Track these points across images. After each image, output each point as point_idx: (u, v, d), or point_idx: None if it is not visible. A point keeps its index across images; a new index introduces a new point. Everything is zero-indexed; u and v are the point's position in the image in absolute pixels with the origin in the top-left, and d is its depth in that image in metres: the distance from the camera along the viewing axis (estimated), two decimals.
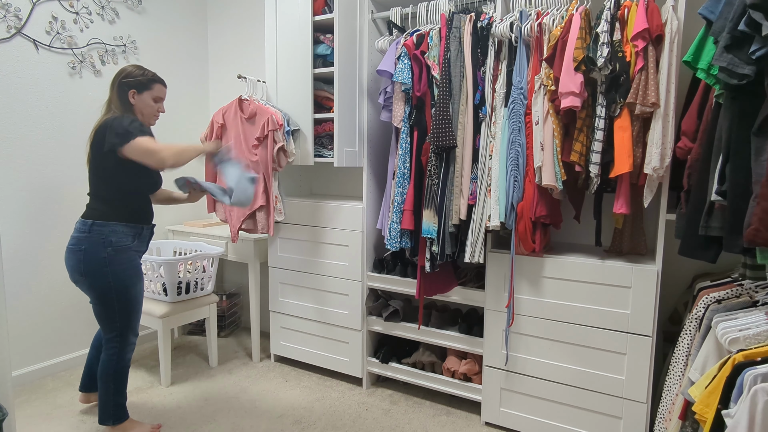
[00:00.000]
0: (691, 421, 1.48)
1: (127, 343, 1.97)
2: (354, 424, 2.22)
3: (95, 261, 1.84)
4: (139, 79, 1.93)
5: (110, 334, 1.94)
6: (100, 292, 1.88)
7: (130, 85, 1.92)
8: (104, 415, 2.00)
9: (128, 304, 1.93)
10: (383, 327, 2.47)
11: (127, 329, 1.95)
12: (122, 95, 1.92)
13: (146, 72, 1.96)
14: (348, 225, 2.48)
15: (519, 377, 2.10)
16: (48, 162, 2.59)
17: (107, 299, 1.89)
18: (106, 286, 1.87)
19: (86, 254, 1.84)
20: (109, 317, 1.92)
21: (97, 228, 1.85)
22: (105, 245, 1.85)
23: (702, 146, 1.55)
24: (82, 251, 1.84)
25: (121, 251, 1.89)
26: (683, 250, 1.58)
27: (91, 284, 1.87)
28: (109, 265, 1.86)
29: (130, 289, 1.93)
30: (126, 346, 1.97)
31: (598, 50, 1.72)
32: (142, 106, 1.95)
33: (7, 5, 2.38)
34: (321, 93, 2.56)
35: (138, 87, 1.93)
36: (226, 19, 3.34)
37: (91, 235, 1.84)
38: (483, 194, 2.04)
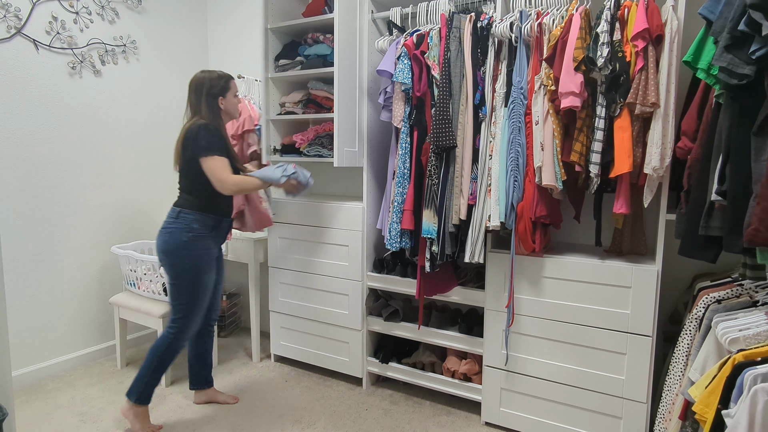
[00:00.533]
0: (691, 421, 1.48)
1: (187, 328, 2.10)
2: (354, 424, 2.22)
3: (177, 243, 2.04)
4: (221, 85, 2.11)
5: (176, 315, 2.09)
6: (174, 273, 2.06)
7: (217, 95, 2.10)
8: (134, 388, 2.08)
9: (196, 289, 2.09)
10: (383, 327, 2.47)
11: (191, 314, 2.09)
12: (212, 104, 2.10)
13: (221, 75, 2.13)
14: (348, 225, 2.48)
15: (519, 377, 2.10)
16: (48, 162, 2.59)
17: (179, 281, 2.07)
18: (181, 268, 2.05)
19: (171, 236, 2.04)
20: (178, 298, 2.08)
21: (184, 215, 2.05)
22: (187, 231, 2.05)
23: (702, 146, 1.55)
24: (168, 233, 2.05)
25: (200, 239, 2.08)
26: (683, 250, 1.58)
27: (170, 264, 2.06)
28: (187, 248, 2.05)
29: (202, 276, 2.09)
30: (185, 331, 2.10)
31: (598, 50, 1.72)
32: (228, 106, 2.15)
33: (7, 5, 2.38)
34: (321, 93, 2.56)
35: (223, 92, 2.12)
36: (226, 19, 3.34)
37: (178, 221, 2.05)
38: (483, 194, 2.04)
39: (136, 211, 3.04)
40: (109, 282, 2.91)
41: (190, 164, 2.04)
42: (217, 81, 2.11)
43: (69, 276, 2.71)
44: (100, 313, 2.88)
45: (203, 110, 2.08)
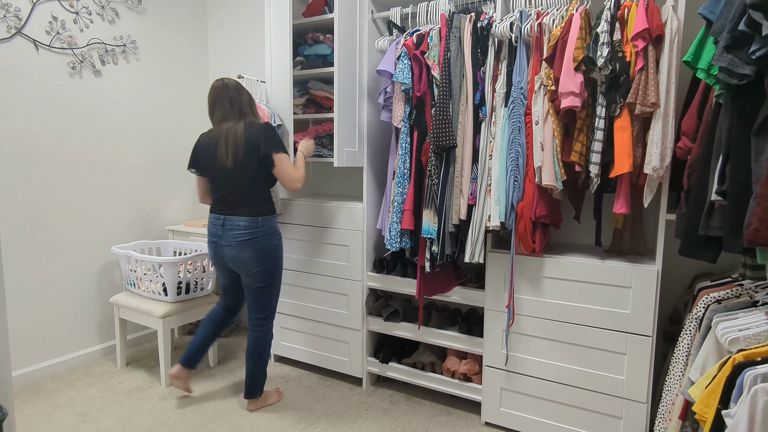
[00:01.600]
0: (691, 421, 1.48)
1: (273, 319, 2.29)
2: (354, 424, 2.22)
3: (270, 249, 2.15)
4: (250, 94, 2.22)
5: (265, 313, 2.23)
6: (269, 275, 2.17)
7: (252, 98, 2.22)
8: (254, 387, 2.27)
9: (280, 285, 2.28)
10: (383, 327, 2.47)
11: (276, 306, 2.29)
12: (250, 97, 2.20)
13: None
14: (348, 225, 2.48)
15: (519, 377, 2.10)
16: (48, 162, 2.59)
17: (273, 282, 2.20)
18: (276, 271, 2.20)
19: (263, 244, 2.12)
20: (269, 298, 2.22)
21: (265, 222, 2.14)
22: (274, 235, 2.18)
23: (702, 146, 1.55)
24: (258, 242, 2.11)
25: (281, 239, 2.23)
26: (683, 250, 1.58)
27: (265, 269, 2.14)
28: (279, 251, 2.20)
29: (281, 274, 2.28)
30: (272, 324, 2.29)
31: (598, 50, 1.72)
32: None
33: (7, 5, 2.38)
34: (321, 93, 2.56)
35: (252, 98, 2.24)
36: (226, 19, 3.34)
37: (263, 228, 2.13)
38: (483, 194, 2.04)
39: (136, 211, 3.04)
40: (109, 282, 2.91)
41: (262, 166, 2.08)
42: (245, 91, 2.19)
43: (69, 276, 2.71)
44: (100, 313, 2.88)
45: (248, 111, 2.15)
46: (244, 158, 2.07)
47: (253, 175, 2.10)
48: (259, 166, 2.09)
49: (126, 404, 2.35)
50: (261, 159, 2.07)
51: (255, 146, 2.06)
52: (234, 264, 2.17)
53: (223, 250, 2.16)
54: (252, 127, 2.08)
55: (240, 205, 2.12)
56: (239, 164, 2.08)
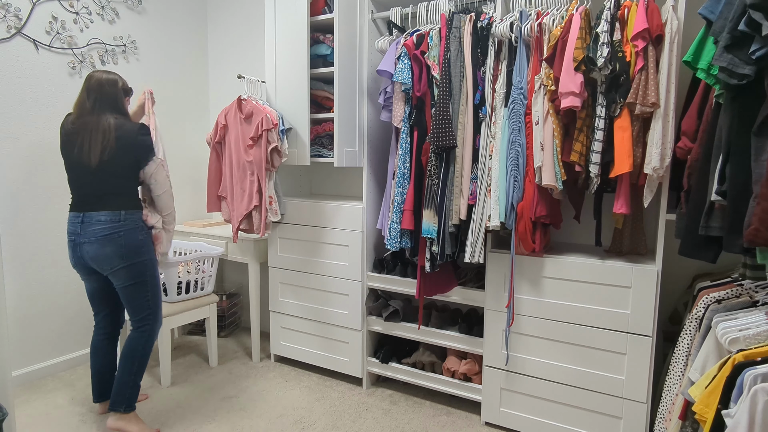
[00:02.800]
0: (691, 421, 1.48)
1: (157, 322, 2.12)
2: (354, 424, 2.22)
3: (134, 244, 2.00)
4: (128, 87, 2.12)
5: (143, 313, 2.07)
6: (137, 273, 2.02)
7: (126, 93, 2.11)
8: (119, 398, 2.04)
9: (157, 284, 2.11)
10: (383, 327, 2.47)
11: (157, 308, 2.11)
12: (123, 102, 2.07)
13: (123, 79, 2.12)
14: (348, 225, 2.47)
15: (519, 377, 2.10)
16: (48, 162, 2.59)
17: (143, 280, 2.04)
18: (143, 267, 2.04)
19: (126, 239, 1.98)
20: (143, 297, 2.06)
21: (129, 216, 2.01)
22: (140, 230, 2.03)
23: (702, 146, 1.55)
24: (121, 237, 1.98)
25: (149, 236, 2.09)
26: (683, 250, 1.58)
27: (130, 267, 2.00)
28: (146, 245, 2.05)
29: (156, 270, 2.11)
30: (156, 326, 2.11)
31: (598, 50, 1.72)
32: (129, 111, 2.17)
33: (7, 5, 2.38)
34: (321, 93, 2.56)
35: (129, 94, 2.14)
36: (226, 19, 3.34)
37: (126, 223, 1.99)
38: (483, 194, 2.04)
39: None
40: None
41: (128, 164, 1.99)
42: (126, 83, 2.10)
43: (69, 276, 2.71)
44: None
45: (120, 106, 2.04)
46: (114, 156, 1.95)
47: (119, 172, 1.99)
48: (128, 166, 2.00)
49: None
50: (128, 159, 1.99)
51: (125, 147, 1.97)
52: (95, 262, 1.98)
53: (83, 248, 1.98)
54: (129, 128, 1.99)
55: (102, 201, 1.98)
56: (109, 162, 1.96)
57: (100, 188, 1.98)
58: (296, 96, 2.47)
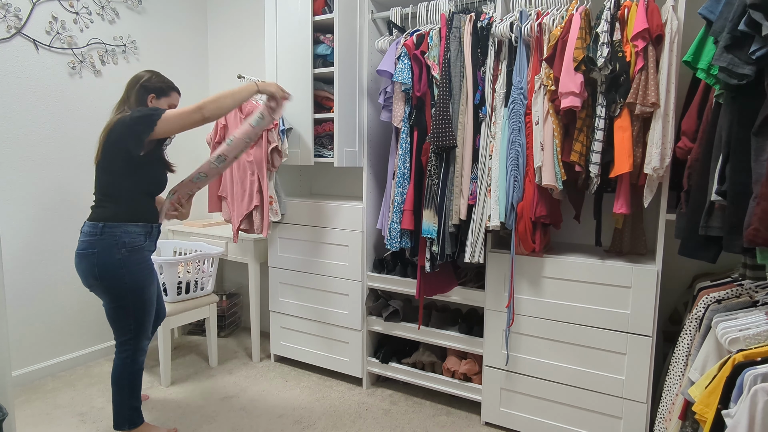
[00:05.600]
0: (691, 421, 1.48)
1: (140, 347, 1.93)
2: (354, 424, 2.22)
3: (110, 263, 1.79)
4: (159, 85, 1.95)
5: (124, 337, 1.89)
6: (115, 295, 1.83)
7: (149, 90, 1.93)
8: (120, 418, 1.94)
9: (143, 306, 1.89)
10: (383, 327, 2.47)
11: (141, 332, 1.92)
12: (142, 98, 1.92)
13: (165, 79, 1.99)
14: (348, 225, 2.47)
15: (519, 377, 2.10)
16: (48, 162, 2.59)
17: (122, 302, 1.84)
18: (121, 289, 1.82)
19: (99, 257, 1.78)
20: (123, 320, 1.87)
21: (109, 229, 1.80)
22: (119, 246, 1.80)
23: (702, 146, 1.55)
24: (95, 254, 1.78)
25: (135, 251, 1.85)
26: (683, 250, 1.58)
27: (106, 287, 1.82)
28: (125, 266, 1.81)
29: (145, 290, 1.89)
30: (139, 350, 1.93)
31: (598, 50, 1.72)
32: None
33: (7, 5, 2.38)
34: (321, 93, 2.56)
35: (157, 92, 1.95)
36: (226, 19, 3.34)
37: (104, 237, 1.79)
38: (483, 194, 2.04)
39: None
40: None
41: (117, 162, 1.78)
42: (155, 80, 1.94)
43: (69, 276, 2.71)
44: (100, 313, 2.87)
45: (131, 102, 1.88)
46: (104, 155, 1.81)
47: (109, 172, 1.82)
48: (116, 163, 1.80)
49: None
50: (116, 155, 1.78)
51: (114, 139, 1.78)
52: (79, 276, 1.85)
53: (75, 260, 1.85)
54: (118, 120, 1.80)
55: (93, 208, 1.86)
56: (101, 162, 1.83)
57: (97, 192, 1.88)
58: (298, 96, 2.46)
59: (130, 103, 1.90)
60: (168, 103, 1.98)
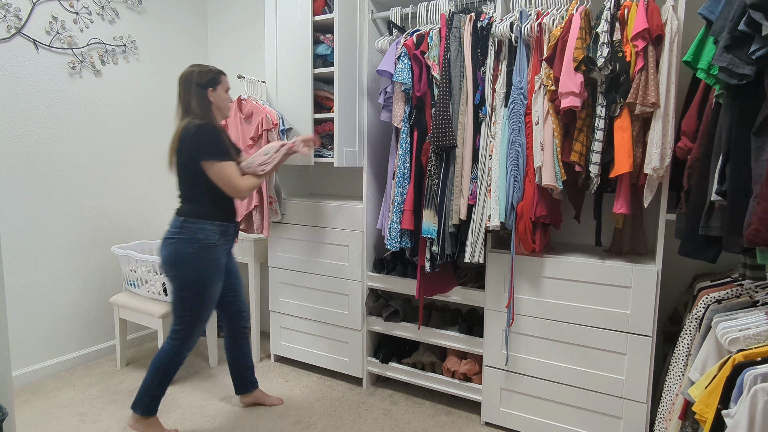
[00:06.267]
0: (691, 421, 1.48)
1: (189, 340, 2.02)
2: (354, 424, 2.22)
3: (182, 255, 1.94)
4: (211, 76, 2.00)
5: (178, 326, 2.00)
6: (179, 285, 1.96)
7: (205, 85, 1.98)
8: (139, 401, 2.01)
9: (201, 302, 1.99)
10: (383, 327, 2.47)
11: (194, 326, 2.01)
12: (201, 95, 1.98)
13: (211, 68, 2.03)
14: (348, 225, 2.47)
15: (519, 377, 2.10)
16: (48, 162, 2.59)
17: (184, 293, 1.96)
18: (186, 280, 1.95)
19: (176, 248, 1.94)
20: (181, 310, 1.99)
21: (187, 225, 1.95)
22: (192, 242, 1.94)
23: (702, 146, 1.55)
24: (173, 244, 1.94)
25: (207, 248, 1.97)
26: (683, 250, 1.58)
27: (175, 276, 1.96)
28: (194, 260, 1.94)
29: (207, 288, 1.99)
30: (187, 343, 2.02)
31: (598, 50, 1.72)
32: (219, 101, 2.03)
33: (7, 5, 2.38)
34: (321, 93, 2.56)
35: (213, 84, 2.00)
36: (226, 19, 3.34)
37: (182, 231, 1.94)
38: (483, 194, 2.04)
39: (136, 212, 3.04)
40: (109, 282, 2.91)
41: (189, 169, 1.94)
42: (206, 73, 1.99)
43: (69, 276, 2.71)
44: (100, 313, 2.88)
45: (193, 105, 1.96)
46: (178, 162, 1.96)
47: (184, 177, 1.98)
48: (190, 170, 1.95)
49: (126, 404, 2.35)
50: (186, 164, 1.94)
51: (182, 151, 1.93)
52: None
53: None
54: (186, 128, 1.91)
55: (179, 204, 2.01)
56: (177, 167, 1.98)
57: (179, 191, 2.01)
58: (298, 96, 2.47)
59: (193, 108, 1.97)
60: (224, 89, 2.05)
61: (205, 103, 1.98)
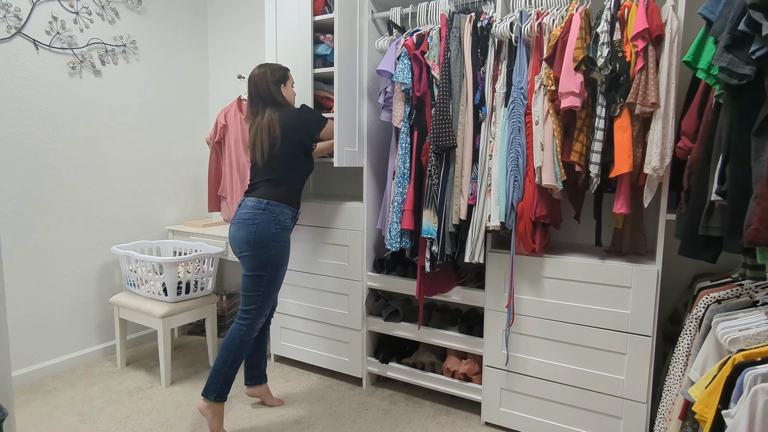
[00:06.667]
0: (691, 421, 1.48)
1: (259, 319, 2.10)
2: (354, 424, 2.22)
3: (265, 235, 2.03)
4: (281, 73, 2.17)
5: (250, 306, 2.07)
6: (258, 265, 2.03)
7: (277, 82, 2.15)
8: (211, 386, 2.05)
9: (275, 281, 2.10)
10: (383, 327, 2.47)
11: (265, 305, 2.09)
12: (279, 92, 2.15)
13: (280, 66, 2.20)
14: (348, 225, 2.48)
15: (519, 377, 2.10)
16: (48, 162, 2.59)
17: (261, 272, 2.04)
18: (266, 260, 2.04)
19: (259, 227, 2.02)
20: (255, 290, 2.06)
21: (271, 207, 2.05)
22: (275, 223, 2.05)
23: (702, 146, 1.55)
24: (256, 225, 2.02)
25: (285, 231, 2.09)
26: (683, 250, 1.58)
27: (254, 255, 2.03)
28: (275, 240, 2.05)
29: (281, 268, 2.10)
30: (257, 322, 2.10)
31: (598, 50, 1.72)
32: (290, 95, 2.23)
33: (7, 5, 2.38)
34: (321, 93, 2.56)
35: (284, 80, 2.18)
36: (226, 19, 3.34)
37: (266, 213, 2.04)
38: (483, 194, 2.04)
39: (136, 211, 3.04)
40: (109, 282, 2.91)
41: (300, 147, 2.09)
42: (277, 71, 2.16)
43: (69, 276, 2.72)
44: (100, 313, 2.88)
45: (278, 98, 2.13)
46: (284, 143, 2.08)
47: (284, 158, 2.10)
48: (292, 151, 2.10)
49: (126, 404, 2.36)
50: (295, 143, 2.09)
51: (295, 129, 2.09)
52: (232, 243, 2.10)
53: (230, 229, 2.11)
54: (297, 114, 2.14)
55: (258, 188, 2.10)
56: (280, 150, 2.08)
57: (263, 176, 2.09)
58: (299, 96, 2.47)
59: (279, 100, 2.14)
60: (291, 83, 2.23)
61: (282, 96, 2.17)
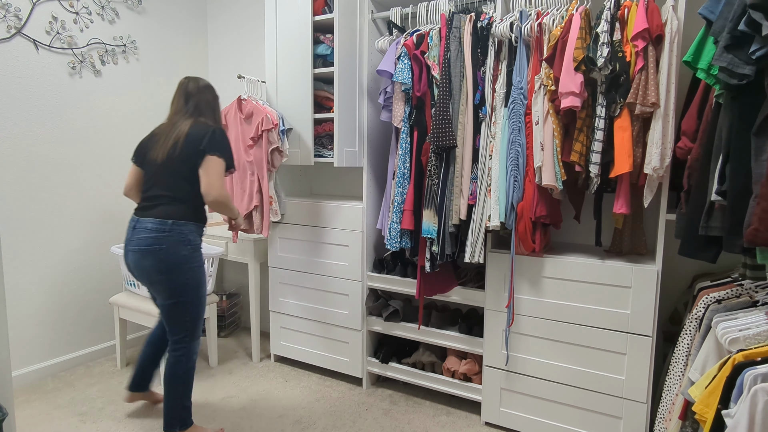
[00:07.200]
0: (691, 421, 1.48)
1: (194, 344, 1.98)
2: (354, 424, 2.22)
3: (176, 259, 1.85)
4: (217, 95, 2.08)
5: (180, 334, 1.94)
6: (176, 291, 1.88)
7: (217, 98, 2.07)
8: (171, 419, 1.95)
9: (199, 303, 1.95)
10: (383, 327, 2.47)
11: (195, 329, 1.97)
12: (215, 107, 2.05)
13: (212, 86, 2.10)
14: (348, 225, 2.48)
15: (519, 377, 2.10)
16: (47, 162, 2.59)
17: (182, 298, 1.89)
18: (183, 284, 1.88)
19: (167, 253, 1.84)
20: (181, 317, 1.92)
21: (177, 227, 1.86)
22: (185, 243, 1.87)
23: (702, 146, 1.55)
24: (162, 250, 1.84)
25: (196, 249, 1.92)
26: (683, 250, 1.58)
27: (169, 282, 1.87)
28: (188, 262, 1.88)
29: (201, 288, 1.95)
30: (193, 347, 1.98)
31: (598, 50, 1.72)
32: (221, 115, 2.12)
33: (7, 5, 2.38)
34: (321, 93, 2.56)
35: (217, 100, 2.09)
36: (226, 19, 3.34)
37: (172, 234, 1.85)
38: (483, 194, 2.04)
39: None
40: (109, 282, 2.91)
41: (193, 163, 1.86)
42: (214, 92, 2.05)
43: (69, 276, 2.71)
44: (100, 313, 2.88)
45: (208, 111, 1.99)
46: (182, 157, 1.86)
47: (183, 174, 1.88)
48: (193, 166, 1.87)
49: (126, 404, 2.35)
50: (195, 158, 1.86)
51: (195, 143, 1.86)
52: (136, 272, 1.91)
53: (128, 256, 1.90)
54: (205, 128, 1.90)
55: (155, 207, 1.88)
56: (176, 164, 1.87)
57: (159, 190, 1.89)
58: (298, 96, 2.47)
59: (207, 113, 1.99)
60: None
61: (217, 114, 2.05)
